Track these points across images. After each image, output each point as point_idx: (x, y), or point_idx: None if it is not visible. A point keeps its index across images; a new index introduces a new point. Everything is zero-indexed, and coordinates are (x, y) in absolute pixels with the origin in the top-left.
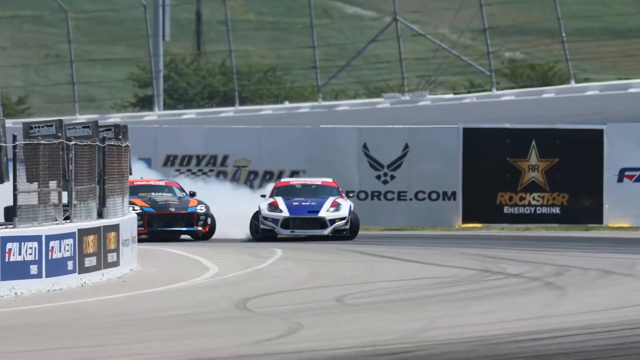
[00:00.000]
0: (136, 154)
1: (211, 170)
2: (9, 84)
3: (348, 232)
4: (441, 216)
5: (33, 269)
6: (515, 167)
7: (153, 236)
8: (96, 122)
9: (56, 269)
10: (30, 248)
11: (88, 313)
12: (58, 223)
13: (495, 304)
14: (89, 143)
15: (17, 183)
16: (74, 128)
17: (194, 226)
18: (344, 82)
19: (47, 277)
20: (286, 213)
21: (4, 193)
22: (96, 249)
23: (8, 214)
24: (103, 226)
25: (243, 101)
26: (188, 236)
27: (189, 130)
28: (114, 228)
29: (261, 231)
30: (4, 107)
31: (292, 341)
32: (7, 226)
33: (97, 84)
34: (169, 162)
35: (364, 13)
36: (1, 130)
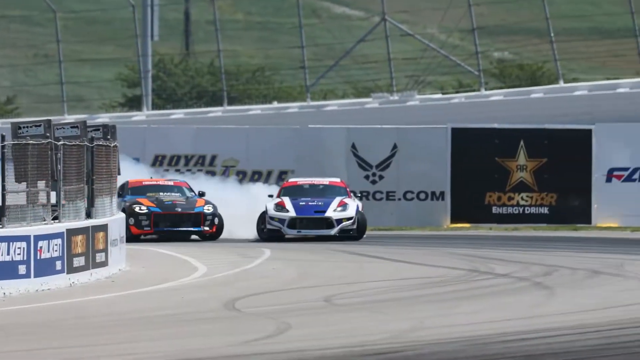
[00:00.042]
0: (125, 154)
1: (199, 170)
2: None
3: (355, 232)
4: (430, 216)
5: (21, 269)
6: (503, 167)
7: (162, 236)
8: (84, 122)
9: (45, 269)
10: (18, 248)
11: (77, 313)
12: (46, 223)
13: (483, 304)
14: (78, 143)
15: (6, 183)
16: (63, 128)
17: (201, 226)
18: (333, 82)
19: (36, 277)
20: (293, 213)
21: None
22: (84, 249)
23: None
24: (91, 226)
25: (231, 101)
26: (197, 236)
27: (178, 130)
28: (103, 228)
29: (268, 231)
30: None
31: (281, 341)
32: None
33: (86, 84)
34: (158, 162)
35: (353, 13)
36: None
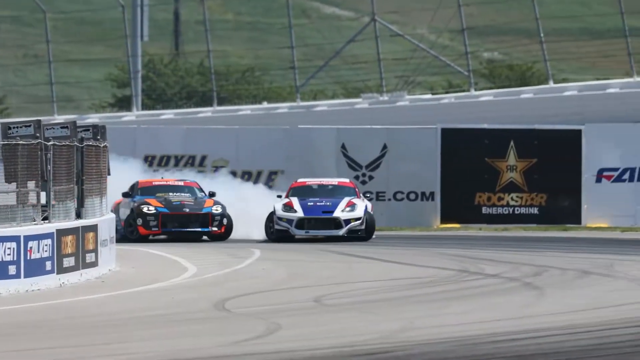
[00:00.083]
0: (116, 154)
1: (189, 170)
2: None
3: (363, 233)
4: (419, 216)
5: (11, 269)
6: (493, 168)
7: (171, 237)
8: (74, 123)
9: (34, 269)
10: (8, 248)
11: (67, 313)
12: (36, 223)
13: (473, 305)
14: (67, 143)
15: None
16: (53, 128)
17: (209, 227)
18: (323, 83)
19: (26, 278)
20: (301, 213)
21: None
22: (74, 250)
23: None
24: (81, 226)
25: (221, 101)
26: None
27: (168, 130)
28: (93, 228)
29: (276, 232)
30: None
31: (271, 341)
32: None
33: (76, 84)
34: (148, 162)
35: (342, 13)
36: None
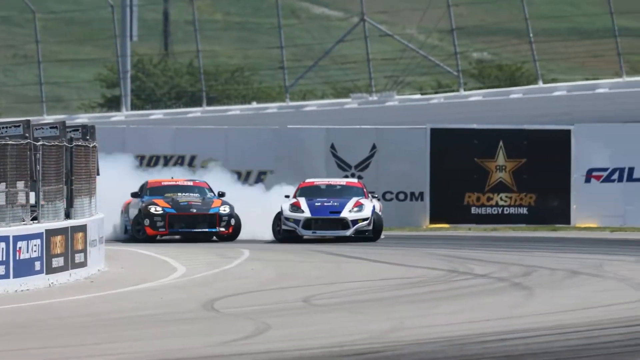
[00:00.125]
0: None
1: (178, 170)
2: None
3: (371, 233)
4: (409, 216)
5: (0, 270)
6: (482, 168)
7: (181, 237)
8: (64, 123)
9: (24, 270)
10: None
11: (56, 313)
12: (26, 223)
13: (462, 305)
14: (57, 143)
15: None
16: (42, 128)
17: (216, 227)
18: (312, 83)
19: (15, 278)
20: (308, 214)
21: None
22: (64, 250)
23: None
24: (70, 227)
25: (210, 101)
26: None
27: (157, 130)
28: (82, 228)
29: (283, 232)
30: None
31: (260, 342)
32: None
33: (65, 85)
34: (137, 162)
35: (332, 13)
36: None
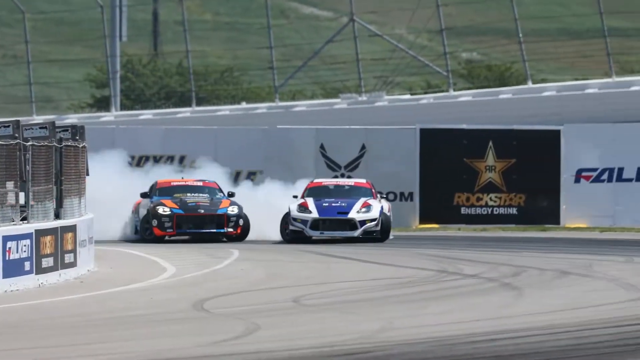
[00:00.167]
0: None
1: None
2: None
3: (378, 234)
4: (398, 217)
5: None
6: (472, 168)
7: (188, 237)
8: (53, 123)
9: (13, 270)
10: None
11: (46, 314)
12: (15, 224)
13: (452, 305)
14: (46, 144)
15: None
16: (31, 129)
17: (224, 228)
18: (301, 83)
19: (5, 278)
20: (315, 214)
21: None
22: (53, 250)
23: None
24: (60, 227)
25: (200, 102)
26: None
27: (146, 130)
28: (71, 229)
29: (290, 232)
30: None
31: (250, 342)
32: None
33: (54, 85)
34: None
35: (321, 13)
36: None
